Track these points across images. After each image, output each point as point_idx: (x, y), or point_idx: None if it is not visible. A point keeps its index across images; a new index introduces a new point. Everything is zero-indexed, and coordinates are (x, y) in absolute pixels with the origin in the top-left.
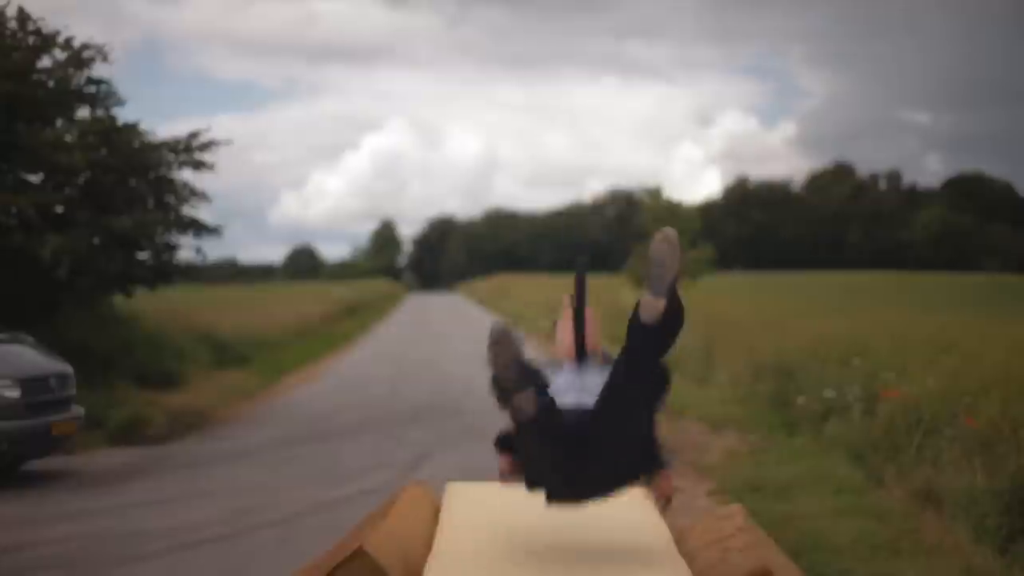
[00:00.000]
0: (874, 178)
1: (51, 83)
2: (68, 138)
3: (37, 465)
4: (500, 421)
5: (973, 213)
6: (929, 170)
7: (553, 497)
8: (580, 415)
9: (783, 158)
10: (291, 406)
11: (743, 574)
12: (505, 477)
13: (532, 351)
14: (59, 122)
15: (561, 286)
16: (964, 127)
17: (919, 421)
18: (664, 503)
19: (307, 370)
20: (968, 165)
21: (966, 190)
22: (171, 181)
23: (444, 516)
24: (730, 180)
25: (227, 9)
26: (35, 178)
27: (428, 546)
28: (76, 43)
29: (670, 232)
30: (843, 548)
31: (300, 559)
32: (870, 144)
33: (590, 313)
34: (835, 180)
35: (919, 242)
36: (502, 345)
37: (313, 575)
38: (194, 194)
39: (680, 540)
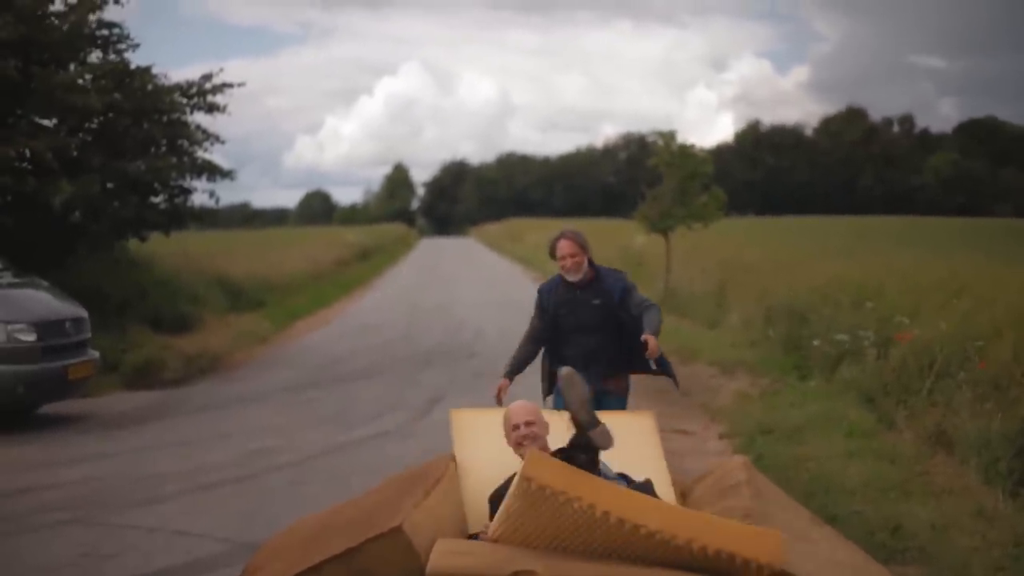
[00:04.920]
0: (887, 122)
1: (64, 27)
2: (81, 82)
3: (53, 408)
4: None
5: (985, 158)
6: (942, 114)
7: None
8: None
9: (796, 102)
10: (305, 350)
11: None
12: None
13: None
14: (72, 66)
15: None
16: (977, 72)
17: (931, 364)
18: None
19: (321, 314)
20: (981, 110)
21: (978, 135)
22: (184, 124)
23: (456, 443)
24: (743, 124)
25: None
26: (48, 123)
27: (460, 530)
28: None
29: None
30: (854, 490)
31: (314, 501)
32: (883, 88)
33: None
34: (848, 124)
35: (931, 186)
36: (574, 388)
37: (345, 539)
38: (207, 137)
39: (687, 492)
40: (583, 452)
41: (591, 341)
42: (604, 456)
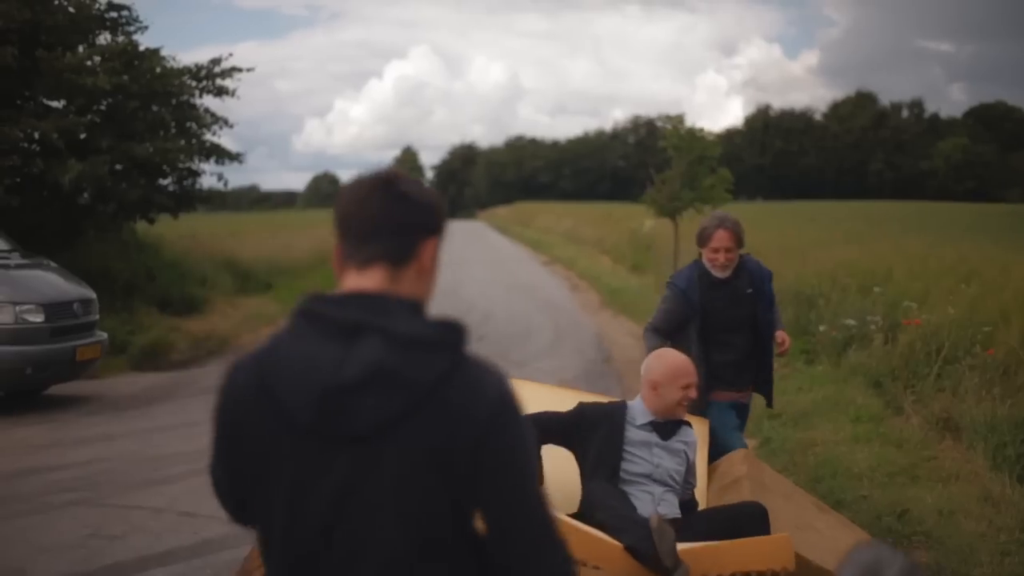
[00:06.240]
0: (896, 107)
1: (72, 8)
2: (89, 63)
3: (61, 389)
4: (521, 346)
5: (995, 143)
6: (951, 99)
7: None
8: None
9: (805, 87)
10: None
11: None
12: None
13: (548, 276)
14: (81, 48)
15: (580, 214)
16: (987, 57)
17: (939, 349)
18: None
19: None
20: (990, 95)
21: (988, 120)
22: (193, 107)
23: None
24: (752, 109)
25: None
26: (57, 104)
27: None
28: None
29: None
30: (861, 474)
31: None
32: (892, 73)
33: None
34: (857, 109)
35: (940, 172)
36: (666, 539)
37: None
38: (216, 120)
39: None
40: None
41: (742, 342)
42: None
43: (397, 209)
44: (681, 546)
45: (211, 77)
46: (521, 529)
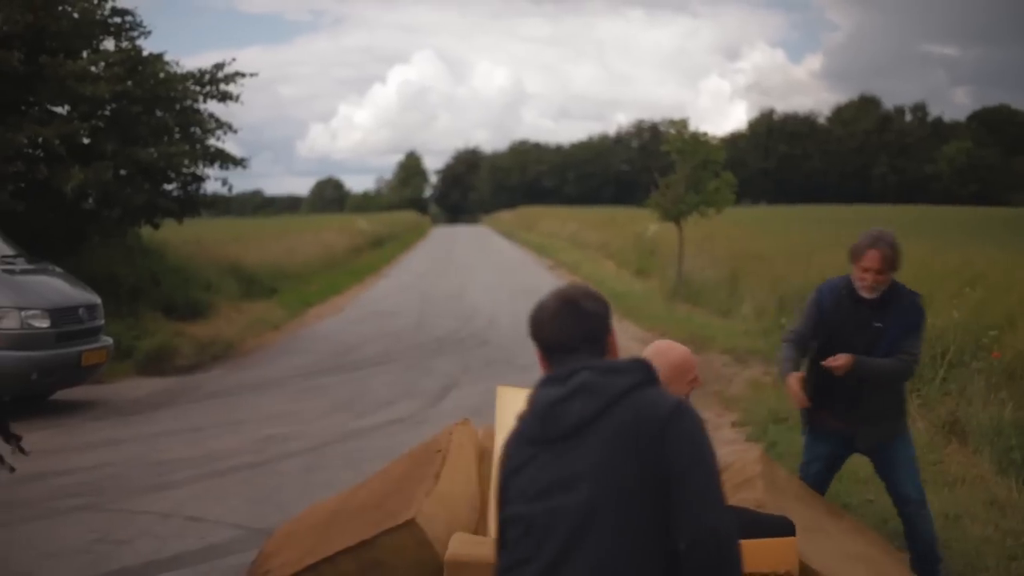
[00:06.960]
0: (900, 111)
1: (75, 14)
2: (93, 69)
3: (67, 394)
4: (525, 351)
5: (999, 146)
6: (955, 103)
7: None
8: None
9: (809, 91)
10: (317, 337)
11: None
12: None
13: (553, 280)
14: (84, 53)
15: (584, 218)
16: (991, 60)
17: (944, 353)
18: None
19: (333, 301)
20: (994, 98)
21: (992, 123)
22: (197, 112)
23: (499, 418)
24: (756, 113)
25: None
26: (61, 110)
27: (473, 507)
28: None
29: None
30: (867, 478)
31: (327, 488)
32: (896, 77)
33: None
34: (861, 113)
35: (944, 175)
36: None
37: (359, 531)
38: (220, 125)
39: None
40: None
41: (850, 373)
42: None
43: (587, 327)
44: None
45: (215, 82)
46: (696, 491)
